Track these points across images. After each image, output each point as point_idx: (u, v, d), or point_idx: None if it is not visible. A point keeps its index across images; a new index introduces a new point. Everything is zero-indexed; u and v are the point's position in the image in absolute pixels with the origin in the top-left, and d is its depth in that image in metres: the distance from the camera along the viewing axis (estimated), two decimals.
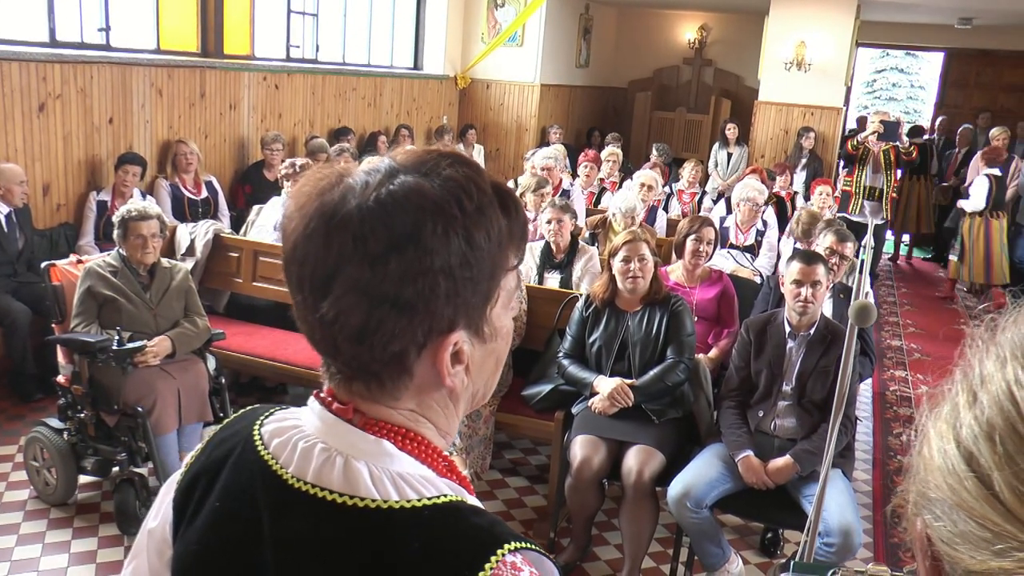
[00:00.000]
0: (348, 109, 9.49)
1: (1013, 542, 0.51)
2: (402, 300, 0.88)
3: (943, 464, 0.57)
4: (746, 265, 6.25)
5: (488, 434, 4.48)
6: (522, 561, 0.88)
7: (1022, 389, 0.54)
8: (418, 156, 0.94)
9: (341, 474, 0.91)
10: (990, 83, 13.87)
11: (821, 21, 10.30)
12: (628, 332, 4.08)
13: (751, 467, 3.69)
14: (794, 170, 9.54)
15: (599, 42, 13.40)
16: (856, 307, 2.00)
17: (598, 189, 8.07)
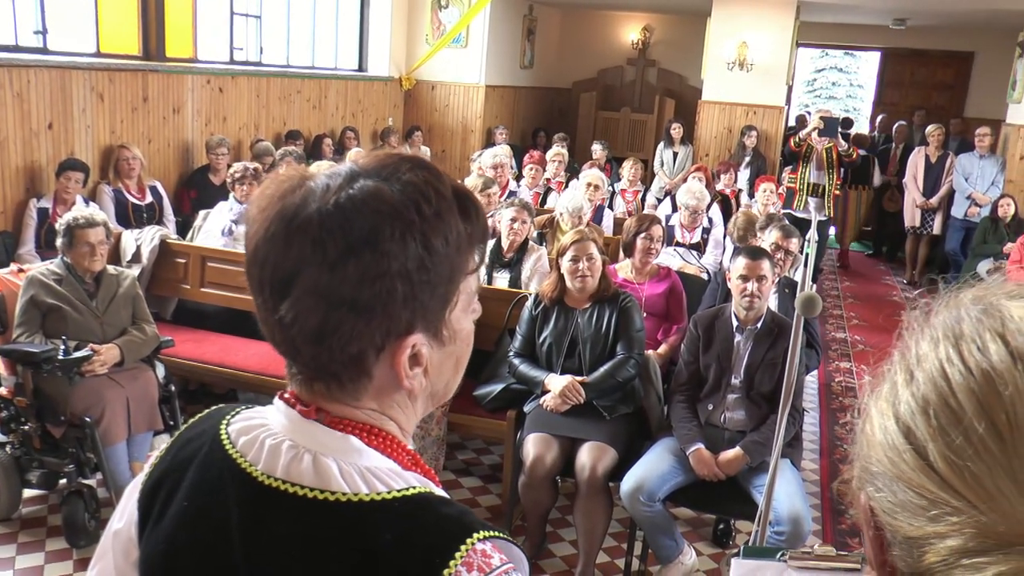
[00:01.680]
0: (293, 112, 9.42)
1: (946, 508, 0.54)
2: (360, 303, 0.89)
3: (883, 439, 0.61)
4: (693, 262, 6.33)
5: (441, 435, 4.49)
6: (492, 548, 0.90)
7: (953, 366, 0.58)
8: (379, 160, 0.96)
9: (311, 469, 0.92)
10: (924, 81, 14.19)
11: (762, 22, 10.45)
12: (578, 329, 4.11)
13: (702, 459, 3.74)
14: (738, 168, 9.67)
15: (543, 43, 13.46)
16: (802, 298, 2.05)
17: (544, 189, 8.11)
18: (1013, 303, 0.59)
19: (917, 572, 0.57)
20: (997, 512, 0.52)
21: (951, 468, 0.55)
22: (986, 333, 0.58)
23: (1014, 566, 0.51)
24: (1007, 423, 0.54)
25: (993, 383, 0.55)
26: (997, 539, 0.52)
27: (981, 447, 0.54)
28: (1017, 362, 0.55)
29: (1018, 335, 0.56)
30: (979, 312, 0.60)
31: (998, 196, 9.37)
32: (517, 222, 5.14)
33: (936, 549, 0.55)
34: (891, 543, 0.60)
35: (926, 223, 10.63)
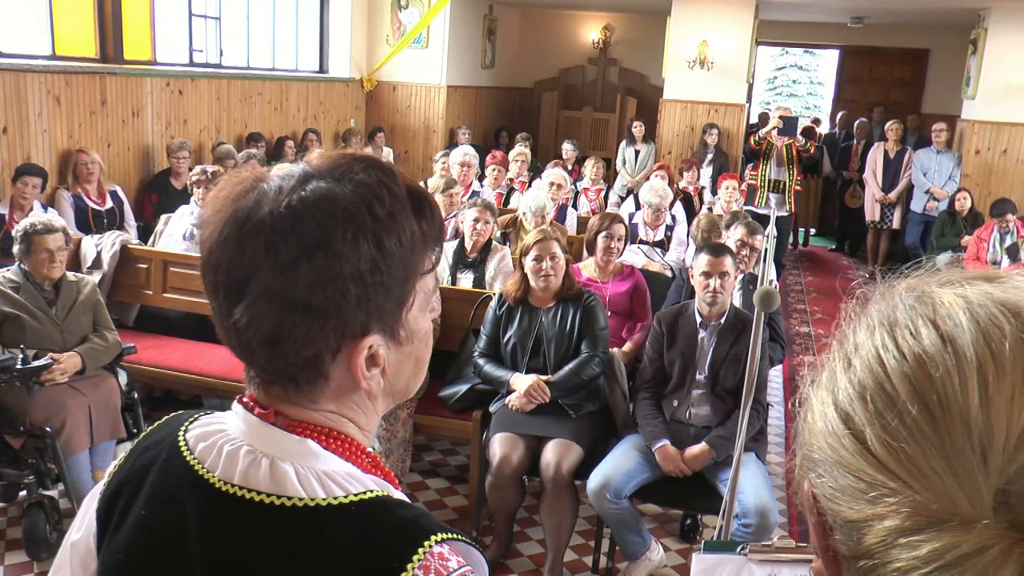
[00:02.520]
0: (255, 114, 9.35)
1: (884, 489, 0.56)
2: (313, 306, 0.89)
3: (824, 426, 0.62)
4: (656, 259, 6.36)
5: (407, 437, 4.48)
6: (449, 551, 0.90)
7: (887, 352, 0.59)
8: (332, 160, 0.95)
9: (268, 475, 0.92)
10: (882, 78, 14.37)
11: (722, 21, 10.53)
12: (542, 329, 4.12)
13: (668, 456, 3.77)
14: (700, 166, 9.75)
15: (504, 43, 13.47)
16: (760, 293, 2.08)
17: (507, 189, 8.12)
18: (944, 290, 0.61)
19: (857, 554, 0.58)
20: (931, 491, 0.54)
21: (887, 450, 0.56)
22: (919, 320, 0.60)
23: (947, 542, 0.52)
24: (938, 404, 0.55)
25: (925, 367, 0.57)
26: (931, 517, 0.53)
27: (915, 428, 0.55)
28: (947, 346, 0.57)
29: (948, 320, 0.58)
30: (913, 300, 0.62)
31: (955, 190, 9.53)
32: (480, 222, 5.14)
33: (875, 530, 0.56)
34: (833, 528, 0.61)
35: (886, 218, 10.78)
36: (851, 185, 12.05)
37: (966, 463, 0.53)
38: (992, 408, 0.54)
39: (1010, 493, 0.52)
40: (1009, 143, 10.31)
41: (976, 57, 10.35)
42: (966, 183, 10.03)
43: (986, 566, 0.51)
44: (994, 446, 0.53)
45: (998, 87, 10.14)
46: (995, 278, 0.62)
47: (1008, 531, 0.51)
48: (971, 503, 0.52)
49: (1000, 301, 0.58)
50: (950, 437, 0.54)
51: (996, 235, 8.03)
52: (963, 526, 0.52)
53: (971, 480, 0.53)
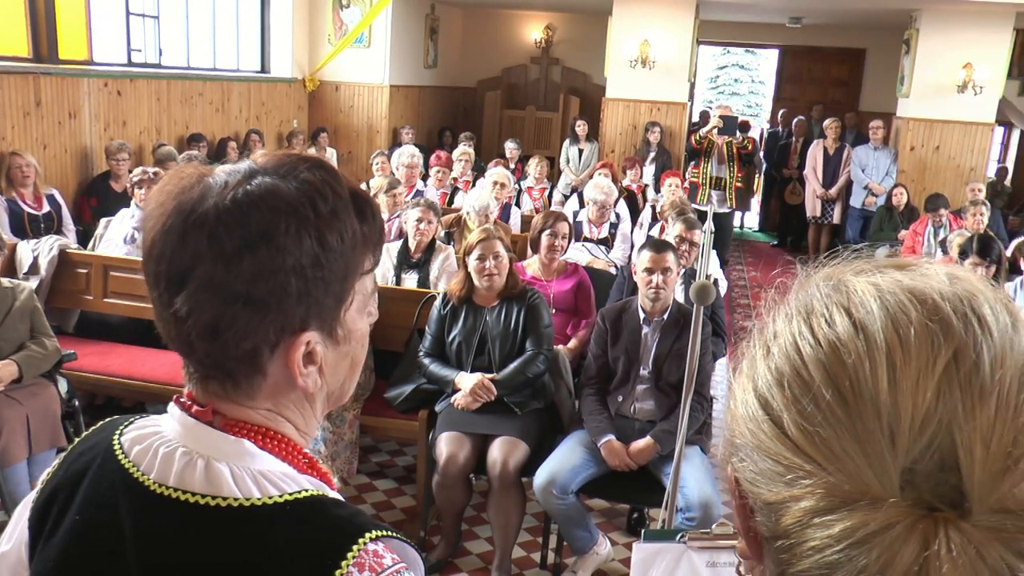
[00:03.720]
0: (196, 115, 9.22)
1: (800, 472, 0.58)
2: (254, 298, 0.89)
3: (744, 412, 0.64)
4: (601, 257, 6.40)
5: (353, 438, 4.46)
6: (384, 549, 0.90)
7: (804, 340, 0.62)
8: (278, 159, 0.96)
9: (203, 476, 0.92)
10: (821, 77, 14.62)
11: (662, 21, 10.61)
12: (487, 327, 4.13)
13: (613, 450, 3.80)
14: (643, 164, 9.83)
15: (446, 42, 13.44)
16: (696, 287, 2.11)
17: (451, 189, 8.12)
18: (858, 279, 0.63)
19: (776, 535, 0.60)
20: (843, 472, 0.56)
21: (803, 434, 0.58)
22: (833, 308, 0.62)
23: (857, 520, 0.54)
24: (851, 389, 0.57)
25: (839, 353, 0.59)
26: (843, 497, 0.55)
27: (829, 413, 0.58)
28: (859, 332, 0.59)
29: (861, 308, 0.60)
30: (829, 289, 0.64)
31: (892, 186, 9.76)
32: (423, 222, 5.13)
33: (791, 512, 0.58)
34: (754, 510, 0.63)
35: (826, 213, 11.00)
36: (791, 182, 12.26)
37: (876, 445, 0.55)
38: (900, 392, 0.56)
39: (915, 472, 0.54)
40: (941, 140, 10.56)
41: (909, 57, 10.59)
42: (902, 179, 10.28)
43: (892, 542, 0.53)
44: (901, 428, 0.55)
45: (930, 86, 10.39)
46: (906, 266, 0.64)
47: (913, 508, 0.54)
48: (880, 483, 0.55)
49: (909, 288, 0.61)
50: (861, 420, 0.56)
51: (930, 229, 8.22)
52: (872, 505, 0.54)
53: (880, 461, 0.55)
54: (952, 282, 0.61)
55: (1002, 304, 0.61)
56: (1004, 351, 0.58)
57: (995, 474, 0.54)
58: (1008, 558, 0.53)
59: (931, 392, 0.56)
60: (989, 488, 0.54)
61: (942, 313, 0.58)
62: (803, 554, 0.57)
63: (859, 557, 0.54)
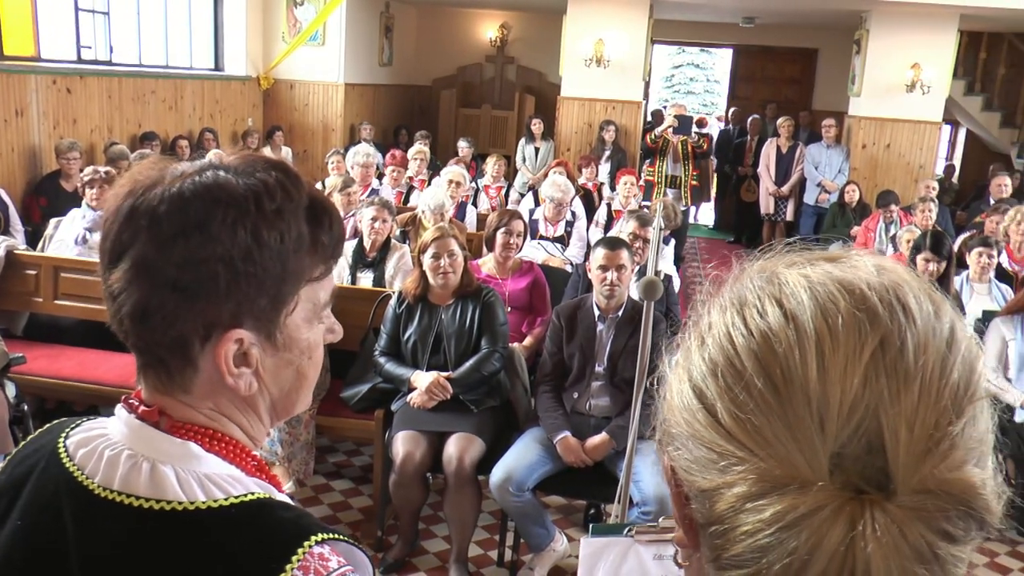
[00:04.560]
0: (148, 113, 9.10)
1: (733, 459, 0.59)
2: (182, 284, 0.90)
3: (680, 402, 0.65)
4: (557, 255, 6.43)
5: (309, 439, 4.43)
6: (330, 552, 0.90)
7: (736, 330, 0.63)
8: (243, 158, 0.98)
9: (148, 479, 0.91)
10: (774, 77, 14.78)
11: (617, 20, 10.66)
12: (442, 325, 4.13)
13: (569, 447, 3.82)
14: (599, 162, 9.87)
15: (401, 40, 13.39)
16: (643, 282, 2.13)
17: (407, 188, 8.10)
18: (790, 271, 0.65)
19: (710, 521, 0.61)
20: (774, 458, 0.57)
21: (736, 422, 0.60)
22: (766, 299, 0.63)
23: (787, 504, 0.55)
24: (781, 377, 0.59)
25: (770, 342, 0.60)
26: (774, 482, 0.57)
27: (760, 400, 0.59)
28: (790, 322, 0.60)
29: (792, 299, 0.62)
30: (762, 281, 0.65)
31: (844, 183, 9.91)
32: (378, 221, 5.11)
33: (725, 498, 0.59)
34: (690, 497, 0.64)
35: (780, 210, 11.14)
36: (746, 180, 12.40)
37: (805, 430, 0.57)
38: (828, 379, 0.57)
39: (844, 456, 0.56)
40: (892, 138, 10.75)
41: (860, 56, 10.76)
42: (854, 176, 10.44)
43: (820, 524, 0.54)
44: (830, 414, 0.57)
45: (880, 85, 10.58)
46: (836, 258, 0.66)
47: (841, 491, 0.55)
48: (810, 467, 0.56)
49: (838, 279, 0.62)
50: (792, 407, 0.58)
51: (882, 225, 8.36)
52: (801, 489, 0.56)
53: (810, 446, 0.56)
54: (879, 273, 0.63)
55: (925, 293, 0.63)
56: (927, 338, 0.60)
57: (918, 456, 0.56)
58: (928, 536, 0.55)
59: (858, 379, 0.57)
60: (912, 470, 0.55)
61: (869, 303, 0.60)
62: (736, 539, 0.58)
63: (789, 540, 0.55)
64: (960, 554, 0.57)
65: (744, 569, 0.58)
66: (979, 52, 12.06)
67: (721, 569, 0.60)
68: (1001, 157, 12.48)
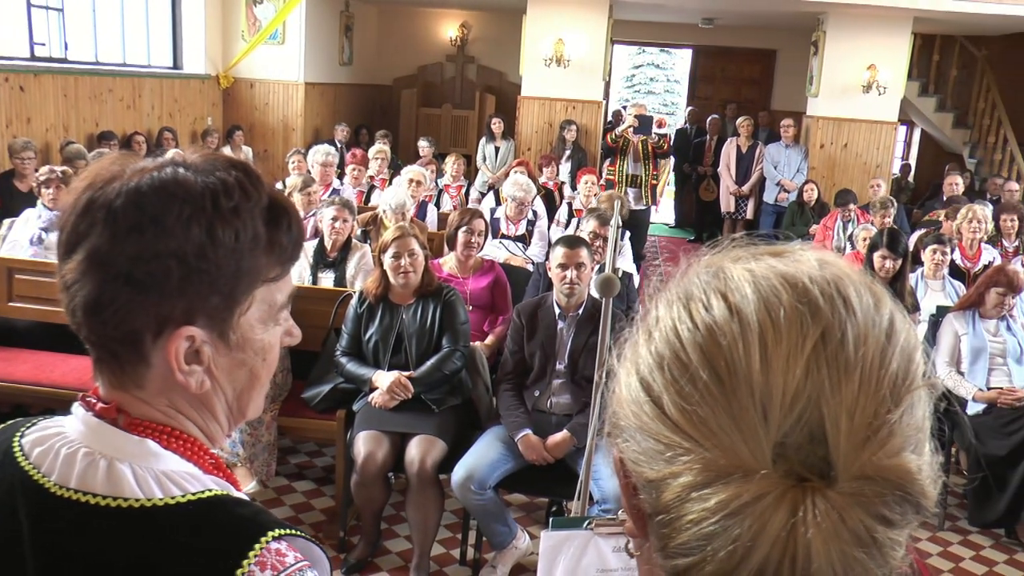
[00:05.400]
0: (105, 112, 8.99)
1: (679, 449, 0.61)
2: (134, 278, 0.90)
3: (628, 395, 0.67)
4: (518, 254, 6.45)
5: (271, 440, 4.41)
6: (287, 547, 0.91)
7: (682, 324, 0.65)
8: (205, 156, 0.98)
9: (105, 477, 0.91)
10: (734, 77, 14.90)
11: (576, 20, 10.70)
12: (403, 325, 4.13)
13: (530, 445, 3.83)
14: (559, 161, 9.91)
15: (362, 39, 13.33)
16: (600, 279, 2.15)
17: (367, 187, 8.07)
18: (736, 266, 0.66)
19: (657, 511, 0.62)
20: (719, 448, 0.58)
21: (681, 414, 0.61)
22: (711, 293, 0.65)
23: (731, 493, 0.57)
24: (726, 368, 0.60)
25: (715, 335, 0.62)
26: (718, 471, 0.58)
27: (705, 392, 0.60)
28: (734, 316, 0.62)
29: (736, 293, 0.63)
30: (708, 276, 0.67)
31: (803, 182, 10.03)
32: (338, 220, 5.10)
33: (671, 487, 0.60)
34: (638, 488, 0.66)
35: (740, 209, 11.26)
36: (705, 179, 12.51)
37: (749, 420, 0.58)
38: (771, 370, 0.59)
39: (786, 445, 0.57)
40: (849, 138, 10.91)
41: (817, 58, 10.90)
42: (813, 175, 10.58)
43: (763, 511, 0.56)
44: (773, 404, 0.58)
45: (837, 86, 10.73)
46: (781, 253, 0.68)
47: (783, 479, 0.57)
48: (753, 456, 0.57)
49: (782, 274, 0.64)
50: (736, 398, 0.59)
51: (840, 223, 8.47)
52: (745, 477, 0.57)
53: (753, 436, 0.58)
54: (821, 267, 0.65)
55: (866, 286, 0.65)
56: (867, 329, 0.61)
57: (858, 444, 0.57)
58: (867, 521, 0.57)
59: (800, 370, 0.59)
60: (852, 458, 0.57)
61: (811, 296, 0.62)
62: (682, 527, 0.59)
63: (733, 527, 0.56)
64: (897, 537, 0.59)
65: (690, 557, 0.59)
66: (932, 54, 12.26)
67: (668, 558, 0.61)
68: (955, 157, 12.71)
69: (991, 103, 12.20)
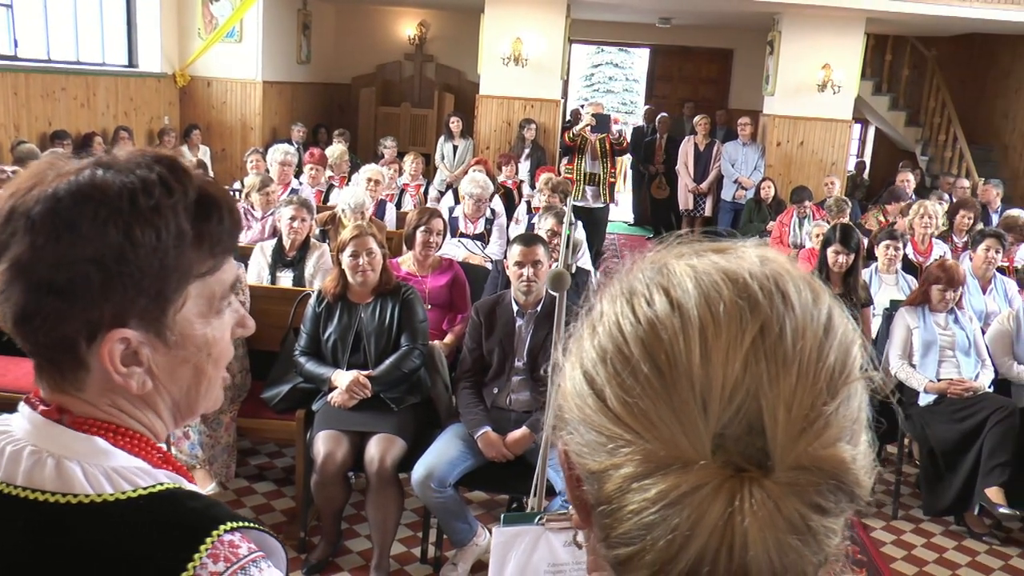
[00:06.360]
0: (59, 110, 8.86)
1: (620, 441, 0.62)
2: (57, 286, 0.89)
3: (572, 388, 0.68)
4: (477, 252, 6.46)
5: (230, 441, 4.38)
6: (240, 539, 0.90)
7: (625, 319, 0.66)
8: (130, 154, 0.96)
9: (53, 474, 0.90)
10: (691, 76, 15.02)
11: (534, 19, 10.73)
12: (362, 324, 4.12)
13: (490, 442, 3.85)
14: (518, 160, 9.94)
15: (320, 38, 13.25)
16: (551, 274, 2.18)
17: (327, 186, 8.04)
18: (679, 262, 0.68)
19: (600, 501, 0.63)
20: (659, 440, 0.60)
21: (623, 406, 0.62)
22: (654, 288, 0.66)
23: (671, 483, 0.58)
24: (666, 362, 0.62)
25: (656, 329, 0.63)
26: (658, 462, 0.59)
27: (646, 385, 0.62)
28: (675, 310, 0.64)
29: (678, 288, 0.65)
30: (652, 272, 0.69)
31: (760, 180, 10.15)
32: (297, 220, 5.08)
33: (613, 479, 0.62)
34: (582, 479, 0.67)
35: (698, 206, 11.37)
36: (656, 177, 12.60)
37: (689, 412, 0.60)
38: (711, 364, 0.61)
39: (725, 436, 0.59)
40: (805, 136, 11.06)
41: (773, 57, 11.04)
42: (769, 173, 10.72)
43: (701, 501, 0.57)
44: (712, 397, 0.60)
45: (793, 85, 10.88)
46: (723, 250, 0.69)
47: (722, 469, 0.58)
48: (693, 447, 0.59)
49: (723, 269, 0.65)
50: (676, 391, 0.61)
51: (796, 220, 8.58)
52: (684, 468, 0.59)
53: (693, 427, 0.59)
54: (763, 263, 0.67)
55: (805, 282, 0.66)
56: (805, 324, 0.63)
57: (794, 435, 0.59)
58: (802, 509, 0.58)
59: (739, 363, 0.60)
60: (789, 448, 0.59)
61: (751, 291, 0.63)
62: (623, 517, 0.61)
63: (672, 516, 0.58)
64: (832, 525, 0.61)
65: (631, 546, 0.60)
66: (885, 54, 12.46)
67: (610, 548, 0.63)
68: (908, 154, 12.93)
69: (941, 102, 12.44)
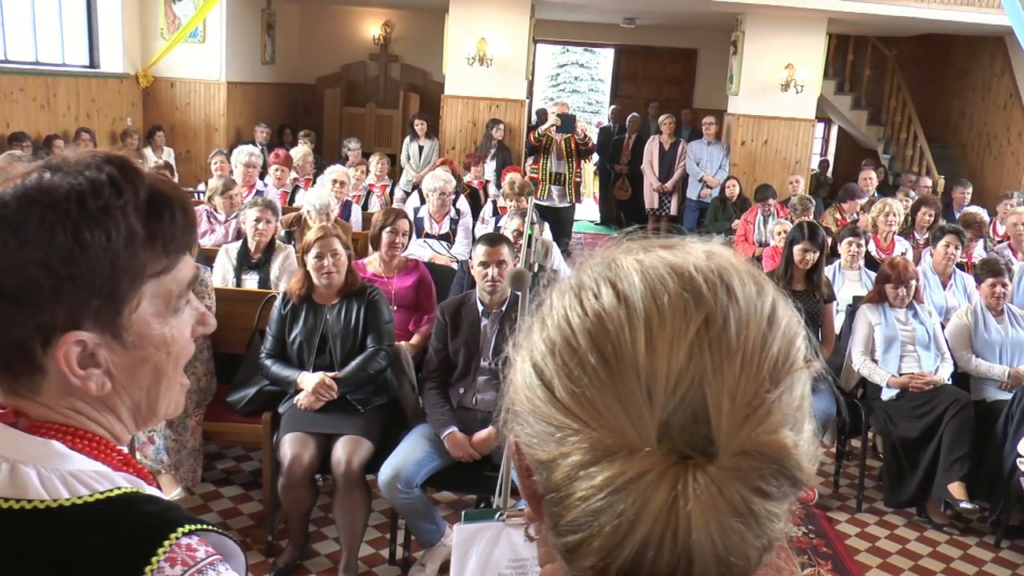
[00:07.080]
0: (17, 112, 8.74)
1: (568, 431, 0.64)
2: (6, 290, 0.89)
3: (522, 381, 0.70)
4: (443, 252, 6.46)
5: (196, 445, 4.35)
6: (198, 542, 0.90)
7: (573, 312, 0.68)
8: (80, 155, 0.95)
9: (7, 479, 0.89)
10: (656, 76, 15.12)
11: (498, 19, 10.74)
12: (327, 325, 4.11)
13: (456, 442, 3.85)
14: (484, 160, 9.94)
15: (284, 38, 13.19)
16: (512, 273, 2.19)
17: (292, 188, 8.01)
18: (627, 257, 0.70)
19: (549, 490, 0.65)
20: (605, 428, 0.62)
21: (571, 396, 0.64)
22: (602, 282, 0.68)
23: (616, 470, 0.60)
24: (613, 352, 0.63)
25: (603, 321, 0.65)
26: (604, 450, 0.61)
27: (593, 375, 0.63)
28: (622, 303, 0.65)
29: (625, 281, 0.67)
30: (601, 267, 0.70)
31: (725, 178, 10.23)
32: (262, 222, 5.05)
33: (561, 467, 0.63)
34: (532, 469, 0.68)
35: (664, 205, 11.43)
36: (620, 178, 12.64)
37: (635, 402, 0.61)
38: (656, 354, 0.62)
39: (670, 425, 0.61)
40: (769, 135, 11.16)
41: (737, 57, 11.14)
42: (734, 172, 10.82)
43: (646, 487, 0.59)
44: (657, 386, 0.61)
45: (757, 84, 10.98)
46: (671, 246, 0.71)
47: (667, 456, 0.60)
48: (638, 435, 0.61)
49: (669, 263, 0.67)
50: (623, 380, 0.62)
51: (760, 218, 8.65)
52: (630, 455, 0.60)
53: (639, 416, 0.61)
54: (708, 257, 0.69)
55: (750, 275, 0.69)
56: (749, 316, 0.65)
57: (738, 423, 0.61)
58: (744, 493, 0.60)
59: (684, 353, 0.62)
60: (733, 435, 0.61)
61: (695, 284, 0.65)
62: (571, 505, 0.62)
63: (618, 503, 0.60)
64: (775, 510, 0.63)
65: (579, 533, 0.62)
66: (847, 54, 12.62)
67: (560, 535, 0.64)
68: (870, 153, 13.10)
69: (902, 101, 12.62)
